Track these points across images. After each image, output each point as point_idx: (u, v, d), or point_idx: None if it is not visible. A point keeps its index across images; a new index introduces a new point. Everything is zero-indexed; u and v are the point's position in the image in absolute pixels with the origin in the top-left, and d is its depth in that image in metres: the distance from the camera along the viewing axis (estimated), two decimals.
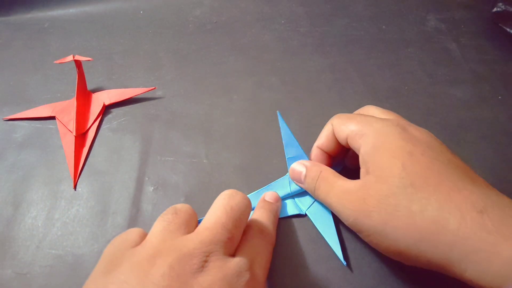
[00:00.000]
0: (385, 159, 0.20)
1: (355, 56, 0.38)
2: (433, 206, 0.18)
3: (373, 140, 0.21)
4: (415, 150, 0.20)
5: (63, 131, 0.32)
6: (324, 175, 0.24)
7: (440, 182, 0.19)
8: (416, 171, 0.19)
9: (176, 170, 0.30)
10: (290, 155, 0.27)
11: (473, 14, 0.41)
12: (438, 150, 0.21)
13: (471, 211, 0.18)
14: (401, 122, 0.22)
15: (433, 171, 0.19)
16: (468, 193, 0.18)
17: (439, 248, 0.18)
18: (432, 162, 0.20)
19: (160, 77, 0.37)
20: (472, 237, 0.17)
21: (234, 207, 0.20)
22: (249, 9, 0.43)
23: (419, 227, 0.18)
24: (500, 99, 0.33)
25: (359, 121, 0.23)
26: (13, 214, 0.28)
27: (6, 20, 0.44)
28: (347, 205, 0.21)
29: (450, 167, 0.20)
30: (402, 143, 0.21)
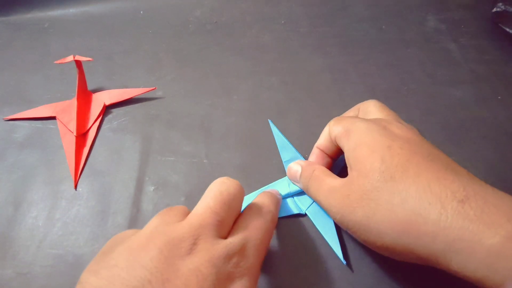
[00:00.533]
0: (364, 154, 0.21)
1: (355, 56, 0.38)
2: (413, 198, 0.19)
3: (354, 137, 0.22)
4: (393, 144, 0.21)
5: (64, 131, 0.32)
6: (316, 174, 0.24)
7: (419, 173, 0.19)
8: (395, 163, 0.20)
9: (177, 170, 0.30)
10: (286, 158, 0.29)
11: (473, 14, 0.41)
12: (418, 144, 0.21)
13: (452, 200, 0.18)
14: (384, 121, 0.23)
15: (412, 163, 0.20)
16: (449, 182, 0.18)
17: (422, 239, 0.18)
18: (411, 154, 0.20)
19: (160, 77, 0.37)
20: (453, 226, 0.17)
21: (223, 192, 0.20)
22: (249, 10, 0.43)
23: (400, 219, 0.19)
24: (499, 99, 0.33)
25: (346, 121, 0.24)
26: (14, 214, 0.28)
27: (6, 20, 0.44)
28: (333, 202, 0.22)
29: (430, 159, 0.20)
30: (380, 139, 0.21)
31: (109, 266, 0.17)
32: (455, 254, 0.17)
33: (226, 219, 0.20)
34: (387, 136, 0.21)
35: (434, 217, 0.18)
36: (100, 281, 0.16)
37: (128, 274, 0.16)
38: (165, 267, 0.16)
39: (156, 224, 0.19)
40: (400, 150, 0.20)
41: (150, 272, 0.16)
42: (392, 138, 0.21)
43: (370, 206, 0.20)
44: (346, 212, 0.21)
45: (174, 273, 0.16)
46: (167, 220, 0.19)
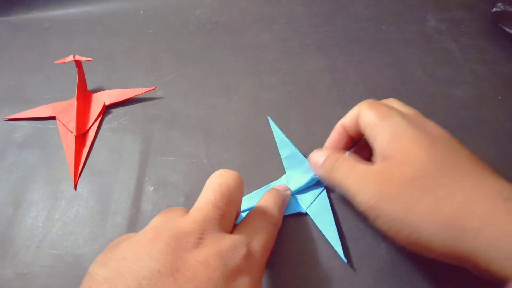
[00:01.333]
0: (408, 146, 0.21)
1: (355, 56, 0.38)
2: (460, 192, 0.18)
3: (393, 129, 0.21)
4: (436, 142, 0.21)
5: (64, 131, 0.32)
6: (344, 157, 0.24)
7: (464, 170, 0.19)
8: (440, 158, 0.20)
9: (176, 170, 0.30)
10: (285, 155, 0.29)
11: (473, 14, 0.41)
12: (457, 146, 0.21)
13: (498, 198, 0.18)
14: (420, 119, 0.23)
15: (457, 160, 0.20)
16: (492, 182, 0.19)
17: (466, 235, 0.17)
18: (454, 154, 0.20)
19: (160, 77, 0.37)
20: (498, 223, 0.17)
21: (222, 185, 0.20)
22: (249, 9, 0.43)
23: (446, 213, 0.18)
24: (500, 99, 0.33)
25: (383, 110, 0.23)
26: (14, 214, 0.28)
27: (6, 20, 0.44)
28: (369, 186, 0.21)
29: (471, 159, 0.20)
30: (423, 136, 0.21)
31: (117, 258, 0.17)
32: (497, 253, 0.17)
33: (228, 212, 0.20)
34: (428, 135, 0.21)
35: (480, 213, 0.17)
36: (110, 272, 0.16)
37: (137, 265, 0.16)
38: (173, 258, 0.16)
39: (160, 221, 0.19)
40: (443, 148, 0.20)
41: (159, 263, 0.16)
42: (434, 138, 0.21)
43: (413, 195, 0.19)
44: (383, 198, 0.20)
45: (183, 265, 0.16)
46: (170, 217, 0.19)
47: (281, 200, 0.25)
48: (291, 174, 0.28)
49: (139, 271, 0.16)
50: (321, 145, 0.31)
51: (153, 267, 0.16)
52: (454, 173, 0.19)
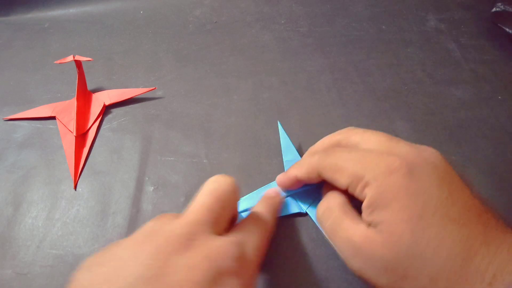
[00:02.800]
0: (393, 217, 0.19)
1: (355, 56, 0.38)
2: (442, 281, 0.17)
3: (378, 191, 0.19)
4: (425, 211, 0.18)
5: (64, 131, 0.32)
6: (331, 206, 0.22)
7: (450, 251, 0.18)
8: (426, 238, 0.18)
9: (176, 170, 0.30)
10: (287, 158, 0.29)
11: (473, 14, 0.41)
12: (449, 198, 0.19)
13: (481, 282, 0.17)
14: (403, 155, 0.20)
15: (444, 237, 0.18)
16: (480, 259, 0.17)
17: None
18: (444, 223, 0.18)
19: (160, 77, 0.37)
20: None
21: (217, 188, 0.20)
22: (249, 9, 0.43)
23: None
24: (500, 99, 0.33)
25: (355, 164, 0.21)
26: (14, 214, 0.28)
27: (6, 20, 0.44)
28: (352, 257, 0.20)
29: (462, 223, 0.18)
30: (410, 199, 0.19)
31: (103, 262, 0.17)
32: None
33: (221, 216, 0.20)
34: (416, 197, 0.19)
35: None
36: (94, 277, 0.16)
37: (122, 270, 0.16)
38: (162, 263, 0.16)
39: (152, 224, 0.19)
40: (432, 219, 0.18)
41: (145, 267, 0.16)
42: (423, 200, 0.19)
43: (393, 279, 0.18)
44: (366, 273, 0.19)
45: (170, 268, 0.16)
46: (162, 220, 0.19)
47: (274, 206, 0.25)
48: None
49: (124, 277, 0.16)
50: None
51: (139, 272, 0.16)
52: (439, 257, 0.18)
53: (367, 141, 0.22)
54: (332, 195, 0.23)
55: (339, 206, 0.22)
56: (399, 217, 0.19)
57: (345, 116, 0.33)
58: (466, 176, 0.28)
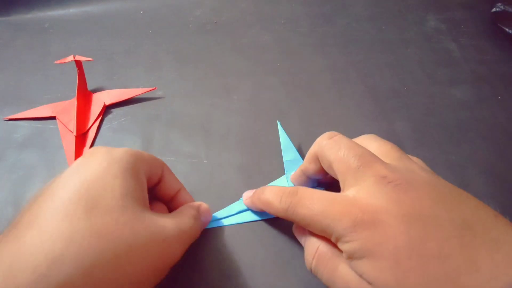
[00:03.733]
0: (372, 270, 0.18)
1: (355, 56, 0.38)
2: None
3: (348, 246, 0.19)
4: (400, 255, 0.17)
5: (64, 131, 0.32)
6: (321, 251, 0.21)
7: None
8: (412, 281, 0.17)
9: (177, 170, 0.30)
10: (287, 158, 0.29)
11: (473, 14, 0.41)
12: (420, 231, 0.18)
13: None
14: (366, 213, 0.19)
15: (428, 275, 0.17)
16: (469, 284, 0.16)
17: None
18: (423, 262, 0.17)
19: (160, 77, 0.37)
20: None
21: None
22: (249, 10, 0.43)
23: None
24: (499, 99, 0.33)
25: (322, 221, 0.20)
26: (14, 214, 0.28)
27: (6, 20, 0.44)
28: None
29: (444, 257, 0.17)
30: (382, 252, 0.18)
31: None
32: None
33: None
34: (384, 244, 0.18)
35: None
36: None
37: None
38: None
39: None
40: (409, 261, 0.17)
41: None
42: (393, 244, 0.18)
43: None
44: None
45: None
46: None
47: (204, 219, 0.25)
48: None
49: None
50: None
51: None
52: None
53: (339, 163, 0.21)
54: (313, 244, 0.21)
55: (330, 251, 0.20)
56: (378, 267, 0.18)
57: (345, 116, 0.33)
58: (466, 176, 0.29)
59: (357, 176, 0.20)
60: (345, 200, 0.20)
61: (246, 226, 0.26)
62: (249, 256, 0.25)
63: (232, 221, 0.26)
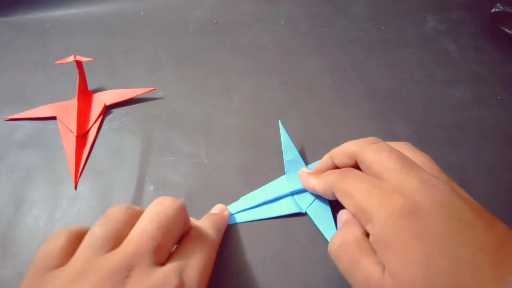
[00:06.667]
0: (401, 263, 0.18)
1: (355, 56, 0.38)
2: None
3: (381, 232, 0.19)
4: (433, 252, 0.17)
5: (64, 131, 0.32)
6: (348, 240, 0.21)
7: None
8: (440, 282, 0.17)
9: (177, 170, 0.30)
10: (288, 158, 0.29)
11: (472, 14, 0.41)
12: (457, 235, 0.18)
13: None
14: (409, 193, 0.19)
15: (457, 281, 0.17)
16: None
17: None
18: (455, 265, 0.17)
19: (160, 78, 0.37)
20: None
21: (160, 213, 0.19)
22: (249, 10, 0.43)
23: None
24: (499, 100, 0.34)
25: (362, 195, 0.20)
26: (14, 214, 0.28)
27: (7, 20, 0.44)
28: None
29: (475, 265, 0.17)
30: (415, 245, 0.18)
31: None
32: None
33: (165, 243, 0.18)
34: (419, 234, 0.18)
35: None
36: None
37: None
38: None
39: (87, 257, 0.17)
40: (441, 261, 0.17)
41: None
42: (430, 240, 0.18)
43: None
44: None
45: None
46: (99, 245, 0.18)
47: (218, 222, 0.24)
48: (291, 176, 0.28)
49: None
50: (320, 146, 0.31)
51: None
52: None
53: (379, 164, 0.21)
54: (349, 227, 0.22)
55: (356, 241, 0.20)
56: (407, 260, 0.18)
57: (345, 117, 0.33)
58: (465, 177, 0.29)
59: (399, 176, 0.20)
60: (389, 187, 0.20)
61: (246, 226, 0.26)
62: (249, 255, 0.25)
63: (233, 221, 0.27)
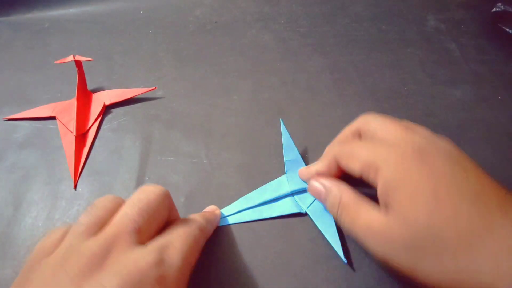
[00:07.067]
0: (407, 199, 0.19)
1: (355, 56, 0.38)
2: (464, 258, 0.17)
3: (390, 175, 0.20)
4: (439, 188, 0.19)
5: (64, 131, 0.32)
6: (344, 201, 0.22)
7: (470, 227, 0.18)
8: (443, 217, 0.18)
9: (176, 170, 0.30)
10: (288, 158, 0.29)
11: (473, 14, 0.41)
12: (463, 176, 0.19)
13: (508, 258, 0.17)
14: (416, 145, 0.20)
15: (462, 213, 0.18)
16: (504, 233, 0.17)
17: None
18: (459, 200, 0.18)
19: (160, 77, 0.37)
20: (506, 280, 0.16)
21: (142, 199, 0.19)
22: (249, 9, 0.43)
23: (449, 277, 0.18)
24: (499, 99, 0.33)
25: (368, 152, 0.21)
26: (14, 214, 0.28)
27: (6, 20, 0.44)
28: (373, 242, 0.20)
29: (479, 199, 0.18)
30: (421, 179, 0.19)
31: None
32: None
33: (146, 227, 0.19)
34: (429, 176, 0.19)
35: (488, 280, 0.17)
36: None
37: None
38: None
39: (71, 243, 0.18)
40: (447, 197, 0.18)
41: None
42: (436, 178, 0.19)
43: (415, 258, 0.19)
44: (389, 255, 0.20)
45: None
46: (83, 231, 0.18)
47: (208, 215, 0.24)
48: (292, 175, 0.28)
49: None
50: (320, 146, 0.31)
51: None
52: (459, 235, 0.18)
53: (384, 129, 0.22)
54: (340, 186, 0.23)
55: (352, 195, 0.22)
56: (414, 200, 0.19)
57: (345, 116, 0.33)
58: None
59: (405, 133, 0.21)
60: (395, 140, 0.21)
61: (246, 226, 0.26)
62: (249, 256, 0.25)
63: (233, 221, 0.27)
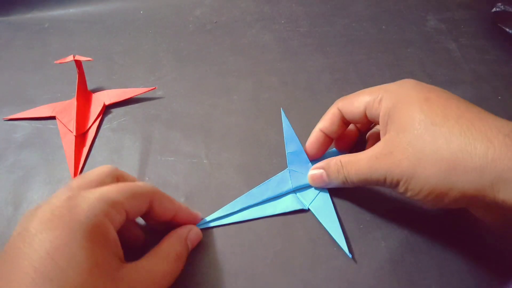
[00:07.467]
0: (401, 110, 0.21)
1: (355, 56, 0.38)
2: (457, 136, 0.19)
3: (388, 100, 0.23)
4: (430, 95, 0.21)
5: (64, 131, 0.32)
6: (345, 160, 0.24)
7: (460, 114, 0.20)
8: (434, 110, 0.20)
9: (176, 170, 0.30)
10: (290, 150, 0.28)
11: (473, 14, 0.41)
12: (453, 95, 0.22)
13: (498, 134, 0.18)
14: (415, 83, 0.23)
15: (452, 107, 0.20)
16: (491, 120, 0.19)
17: (470, 174, 0.18)
18: (449, 100, 0.21)
19: (160, 77, 0.37)
20: (501, 158, 0.17)
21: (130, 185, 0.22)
22: (249, 9, 0.43)
23: (447, 158, 0.19)
24: (499, 99, 0.33)
25: (371, 91, 0.24)
26: (14, 214, 0.28)
27: (6, 20, 0.44)
28: (378, 165, 0.22)
29: (468, 104, 0.21)
30: (416, 94, 0.22)
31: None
32: (503, 184, 0.17)
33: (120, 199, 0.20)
34: (422, 90, 0.22)
35: (481, 152, 0.18)
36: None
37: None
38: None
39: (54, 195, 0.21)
40: (437, 99, 0.21)
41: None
42: (428, 90, 0.22)
43: (415, 154, 0.20)
44: (392, 167, 0.21)
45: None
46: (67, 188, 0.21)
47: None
48: (294, 170, 0.28)
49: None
50: None
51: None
52: (450, 120, 0.20)
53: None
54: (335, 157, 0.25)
55: (349, 155, 0.24)
56: (407, 106, 0.21)
57: None
58: None
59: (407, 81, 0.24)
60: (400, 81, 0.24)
61: (246, 226, 0.26)
62: (249, 255, 0.25)
63: (233, 220, 0.26)
